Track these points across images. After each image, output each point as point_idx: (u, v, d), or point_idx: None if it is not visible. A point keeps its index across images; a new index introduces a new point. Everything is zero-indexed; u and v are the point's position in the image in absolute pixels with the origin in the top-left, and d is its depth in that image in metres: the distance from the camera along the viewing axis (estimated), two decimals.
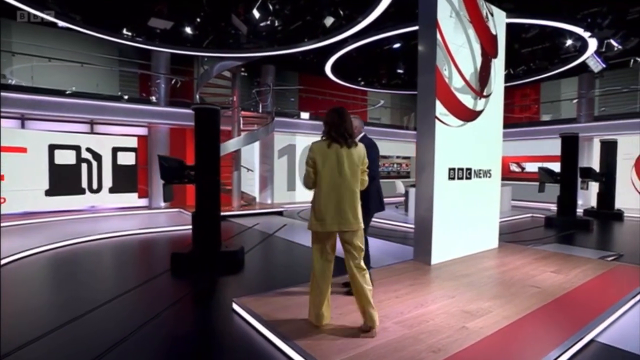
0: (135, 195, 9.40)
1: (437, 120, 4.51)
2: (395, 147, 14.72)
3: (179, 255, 4.90)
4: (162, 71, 9.86)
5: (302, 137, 12.63)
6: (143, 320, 3.20)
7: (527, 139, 13.42)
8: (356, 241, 2.78)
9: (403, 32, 8.03)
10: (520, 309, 3.20)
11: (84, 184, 9.05)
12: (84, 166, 9.02)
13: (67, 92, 9.15)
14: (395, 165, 15.15)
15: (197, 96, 9.67)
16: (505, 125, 13.63)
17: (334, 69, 11.10)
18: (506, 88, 13.25)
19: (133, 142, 9.63)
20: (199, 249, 4.99)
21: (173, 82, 10.88)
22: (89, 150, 9.04)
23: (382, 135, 14.18)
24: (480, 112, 5.14)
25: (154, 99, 10.29)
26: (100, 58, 9.73)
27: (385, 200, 4.04)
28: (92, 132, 9.49)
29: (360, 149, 2.81)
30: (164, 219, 8.79)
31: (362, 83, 12.71)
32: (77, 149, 8.87)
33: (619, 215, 9.83)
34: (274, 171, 12.03)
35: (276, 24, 7.05)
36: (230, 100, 10.14)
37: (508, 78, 11.18)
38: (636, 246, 7.10)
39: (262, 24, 6.97)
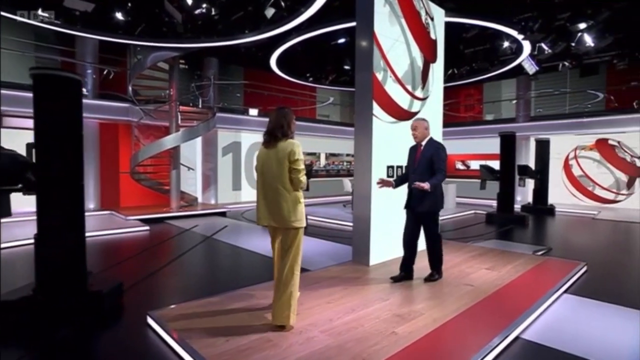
0: None
1: (374, 117, 4.45)
2: (345, 145, 14.79)
3: (7, 305, 3.15)
4: (89, 60, 9.05)
5: (248, 135, 12.26)
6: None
7: (471, 137, 14.07)
8: (287, 241, 2.82)
9: (348, 27, 7.99)
10: (452, 310, 3.20)
11: None
12: None
13: None
14: (345, 164, 15.21)
15: (130, 88, 9.01)
16: (451, 124, 14.23)
17: (280, 64, 10.86)
18: (451, 87, 13.87)
19: None
20: (43, 293, 3.24)
21: (105, 72, 10.07)
22: None
23: (332, 132, 14.19)
24: (415, 113, 5.13)
25: (84, 91, 9.43)
26: (8, 40, 8.65)
27: (333, 199, 3.99)
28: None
29: (286, 145, 2.79)
30: (92, 223, 8.07)
31: (311, 79, 12.58)
32: None
33: (551, 210, 10.57)
34: (218, 170, 11.57)
35: (213, 12, 6.68)
36: (168, 94, 9.55)
37: (452, 78, 11.62)
38: (564, 239, 7.64)
39: (197, 12, 6.57)
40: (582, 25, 6.52)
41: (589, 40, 6.74)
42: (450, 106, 15.58)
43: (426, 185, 3.51)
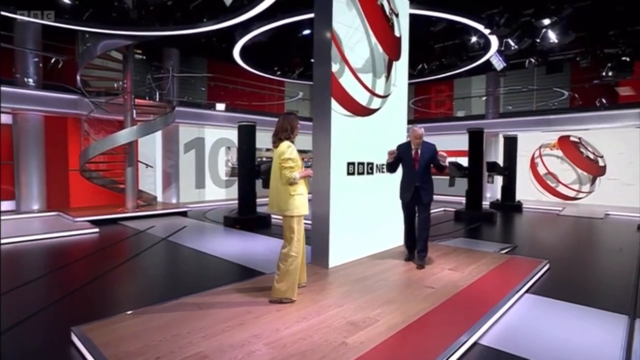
0: None
1: (333, 113, 4.27)
2: None
3: None
4: (30, 46, 8.41)
5: (212, 130, 11.84)
6: None
7: (442, 133, 14.15)
8: (286, 227, 3.35)
9: (312, 18, 7.76)
10: (409, 315, 3.07)
11: None
12: None
13: None
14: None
15: (79, 78, 8.43)
16: (422, 120, 14.25)
17: (246, 56, 10.51)
18: (422, 83, 13.90)
19: None
20: None
21: (53, 61, 9.42)
22: None
23: (301, 128, 13.91)
24: (375, 110, 4.96)
25: (31, 81, 8.77)
26: None
27: None
28: None
29: (281, 145, 3.35)
30: (37, 225, 7.55)
31: (279, 73, 12.27)
32: None
33: (518, 207, 10.79)
34: (180, 167, 11.10)
35: None
36: (121, 86, 9.02)
37: (422, 73, 11.63)
38: (529, 236, 7.77)
39: None
40: (546, 21, 6.60)
41: (553, 36, 6.84)
42: (421, 102, 15.69)
43: (447, 156, 4.52)
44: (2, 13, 6.60)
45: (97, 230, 7.13)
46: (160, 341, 2.61)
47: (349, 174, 4.53)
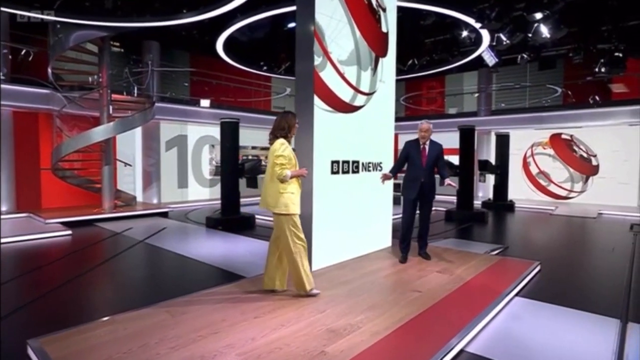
0: None
1: (315, 109, 4.17)
2: None
3: None
4: None
5: (196, 127, 11.64)
6: None
7: (434, 131, 14.05)
8: (277, 226, 3.44)
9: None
10: (394, 321, 2.99)
11: None
12: None
13: None
14: None
15: (50, 71, 8.18)
16: (413, 117, 14.25)
17: (231, 51, 10.35)
18: (413, 79, 13.87)
19: None
20: None
21: (23, 53, 9.17)
22: None
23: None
24: (359, 107, 4.86)
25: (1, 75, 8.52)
26: None
27: None
28: None
29: (274, 144, 3.44)
30: (5, 227, 7.28)
31: (265, 68, 12.14)
32: None
33: (510, 206, 10.83)
34: (161, 166, 10.90)
35: None
36: (97, 80, 8.79)
37: (413, 69, 11.61)
38: (520, 236, 7.79)
39: None
40: (538, 16, 6.60)
41: (545, 31, 6.84)
42: (412, 99, 15.68)
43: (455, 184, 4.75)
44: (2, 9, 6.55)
45: (69, 232, 6.93)
46: (124, 353, 2.49)
47: (333, 172, 4.44)
